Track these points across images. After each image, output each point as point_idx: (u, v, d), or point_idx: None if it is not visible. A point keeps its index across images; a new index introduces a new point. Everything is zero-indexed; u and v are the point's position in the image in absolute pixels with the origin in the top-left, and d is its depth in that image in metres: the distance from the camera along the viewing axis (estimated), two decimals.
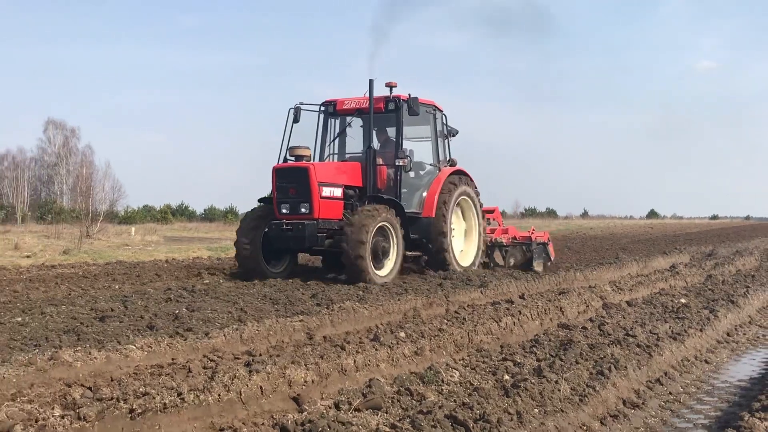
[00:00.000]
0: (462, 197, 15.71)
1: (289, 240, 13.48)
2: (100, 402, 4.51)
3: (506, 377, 6.05)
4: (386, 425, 4.48)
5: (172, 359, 6.29)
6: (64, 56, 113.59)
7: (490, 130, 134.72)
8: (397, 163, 14.47)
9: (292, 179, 13.58)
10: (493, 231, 17.25)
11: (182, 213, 65.39)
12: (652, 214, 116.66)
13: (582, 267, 15.98)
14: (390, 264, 13.77)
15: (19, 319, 8.55)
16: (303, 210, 13.34)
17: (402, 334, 7.33)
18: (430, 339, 7.26)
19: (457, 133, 16.37)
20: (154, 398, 4.65)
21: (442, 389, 5.58)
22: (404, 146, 14.99)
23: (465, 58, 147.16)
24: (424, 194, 15.17)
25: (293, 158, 13.86)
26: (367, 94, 14.79)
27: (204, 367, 5.91)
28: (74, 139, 70.72)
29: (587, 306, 10.28)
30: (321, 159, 15.34)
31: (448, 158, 16.02)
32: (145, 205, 62.58)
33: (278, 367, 5.59)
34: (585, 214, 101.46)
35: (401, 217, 13.98)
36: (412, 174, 15.37)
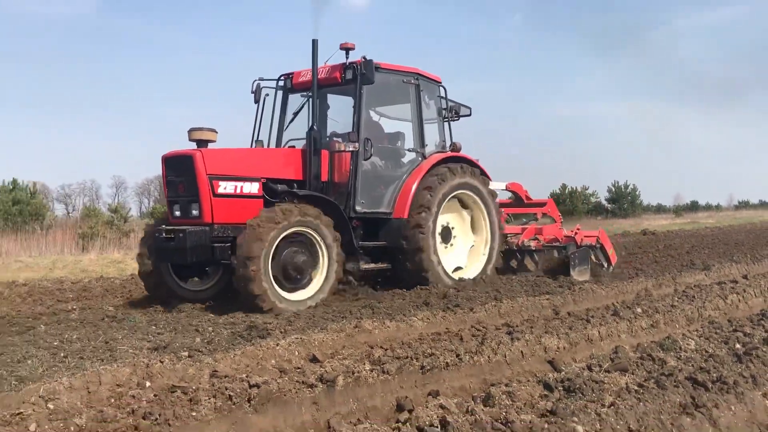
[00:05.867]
0: (461, 191, 10.30)
1: (172, 253, 8.49)
2: (398, 360, 4.69)
3: (738, 346, 5.56)
4: (633, 384, 4.29)
5: (446, 328, 6.41)
6: None
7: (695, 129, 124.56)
8: (343, 149, 9.33)
9: (179, 171, 8.69)
10: (524, 231, 11.76)
11: None
12: None
13: None
14: (315, 284, 8.60)
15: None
16: (194, 212, 8.53)
17: (638, 310, 6.99)
18: (664, 314, 6.84)
19: (468, 113, 10.97)
20: (438, 358, 4.77)
21: (680, 356, 5.23)
22: (398, 129, 10.64)
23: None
24: (399, 189, 9.92)
25: (195, 143, 8.73)
26: (330, 63, 9.90)
27: (473, 335, 6.00)
28: None
29: None
30: (278, 146, 10.36)
31: (449, 142, 10.68)
32: None
33: (534, 336, 5.54)
34: None
35: (339, 220, 8.97)
36: (381, 164, 10.20)
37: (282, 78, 10.38)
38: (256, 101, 10.21)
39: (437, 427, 3.59)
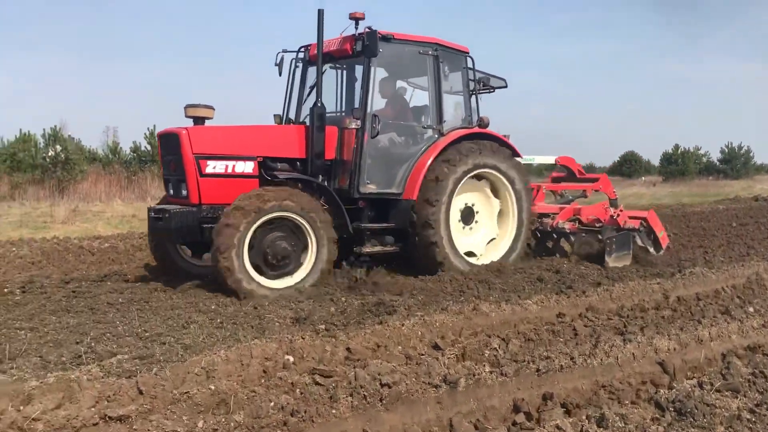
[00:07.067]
0: (485, 170, 8.91)
1: (161, 233, 7.88)
2: (516, 363, 4.67)
3: None
4: (745, 409, 4.06)
5: (559, 313, 6.30)
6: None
7: None
8: (346, 126, 8.25)
9: (169, 150, 7.90)
10: (561, 211, 10.07)
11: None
12: None
13: None
14: (303, 270, 7.57)
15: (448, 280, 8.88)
16: (183, 192, 7.74)
17: (750, 309, 6.57)
18: None
19: (503, 85, 9.77)
20: (553, 361, 4.71)
21: None
22: (426, 103, 9.05)
23: None
24: (411, 168, 8.66)
25: (191, 121, 7.83)
26: (346, 33, 8.66)
27: (585, 326, 5.87)
28: None
29: None
30: (297, 121, 9.19)
31: (476, 117, 9.21)
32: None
33: (646, 338, 5.36)
34: None
35: (331, 201, 7.97)
36: (401, 140, 8.97)
37: (301, 50, 9.20)
38: (281, 73, 9.17)
39: None
